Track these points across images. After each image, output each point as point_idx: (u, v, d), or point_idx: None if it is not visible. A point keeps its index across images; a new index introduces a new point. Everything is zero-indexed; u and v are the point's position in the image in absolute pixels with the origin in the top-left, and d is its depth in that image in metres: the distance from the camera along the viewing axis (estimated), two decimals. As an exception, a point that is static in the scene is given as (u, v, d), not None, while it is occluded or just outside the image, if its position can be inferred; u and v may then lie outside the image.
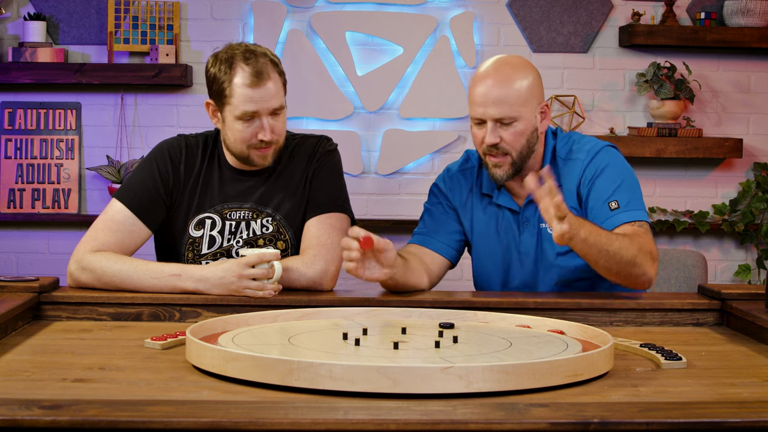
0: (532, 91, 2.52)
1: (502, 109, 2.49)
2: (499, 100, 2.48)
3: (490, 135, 2.51)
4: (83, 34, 4.56)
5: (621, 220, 2.48)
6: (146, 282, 2.40)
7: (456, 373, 1.60)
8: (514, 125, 2.50)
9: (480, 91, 2.51)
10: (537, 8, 4.62)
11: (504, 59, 2.56)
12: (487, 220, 2.66)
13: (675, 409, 1.52)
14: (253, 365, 1.67)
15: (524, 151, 2.54)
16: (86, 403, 1.50)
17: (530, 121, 2.52)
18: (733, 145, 4.55)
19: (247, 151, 2.56)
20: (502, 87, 2.49)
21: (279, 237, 2.63)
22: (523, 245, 2.61)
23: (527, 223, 2.61)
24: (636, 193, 2.54)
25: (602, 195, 2.52)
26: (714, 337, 2.25)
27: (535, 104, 2.53)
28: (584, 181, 2.56)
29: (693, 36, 4.53)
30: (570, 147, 2.61)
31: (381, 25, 4.60)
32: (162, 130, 4.52)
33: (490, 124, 2.51)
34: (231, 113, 2.52)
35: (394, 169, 4.64)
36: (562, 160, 2.60)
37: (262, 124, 2.52)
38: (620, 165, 2.57)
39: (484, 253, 2.67)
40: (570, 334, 2.07)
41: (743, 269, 4.63)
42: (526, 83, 2.51)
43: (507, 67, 2.52)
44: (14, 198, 4.54)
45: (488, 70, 2.53)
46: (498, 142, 2.51)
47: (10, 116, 4.55)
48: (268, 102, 2.51)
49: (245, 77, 2.49)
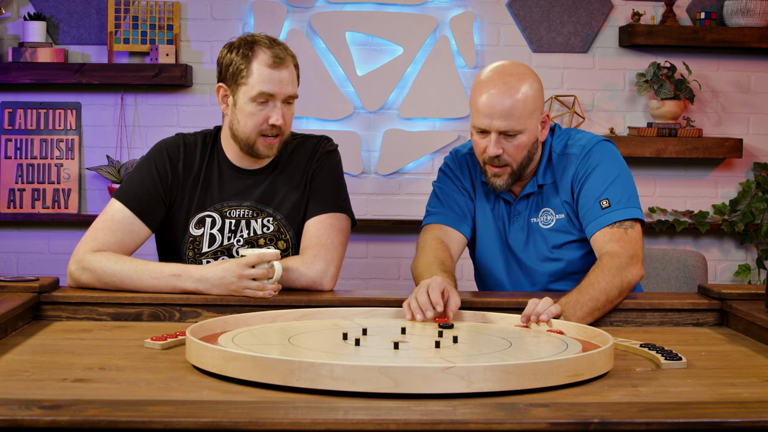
0: (536, 102, 2.52)
1: (509, 122, 2.47)
2: (506, 113, 2.47)
3: (493, 146, 2.50)
4: (83, 34, 4.56)
5: (611, 219, 2.48)
6: (146, 282, 2.40)
7: (457, 374, 1.60)
8: (518, 137, 2.50)
9: (485, 102, 2.48)
10: (537, 8, 4.62)
11: (508, 68, 2.52)
12: (489, 204, 2.67)
13: (675, 409, 1.52)
14: (254, 365, 1.67)
15: (524, 162, 2.54)
16: (86, 403, 1.50)
17: (533, 132, 2.52)
18: (733, 145, 4.55)
19: (254, 138, 2.56)
20: (509, 99, 2.46)
21: (280, 237, 2.63)
22: (511, 237, 2.63)
23: (518, 216, 2.62)
24: (628, 189, 2.54)
25: (594, 193, 2.52)
26: (714, 337, 2.26)
27: (538, 115, 2.53)
28: (577, 177, 2.56)
29: (693, 36, 4.53)
30: (565, 142, 2.62)
31: (381, 25, 4.60)
32: (162, 130, 4.52)
33: (494, 135, 2.49)
34: (246, 94, 2.53)
35: (394, 169, 4.64)
36: (557, 156, 2.61)
37: (275, 108, 2.54)
38: (614, 160, 2.57)
39: (485, 238, 2.68)
40: (570, 334, 2.07)
41: (743, 269, 4.63)
42: (531, 94, 2.50)
43: (513, 78, 2.49)
44: (14, 198, 4.54)
45: (493, 79, 2.49)
46: (501, 153, 2.50)
47: (10, 116, 4.55)
48: (285, 86, 2.53)
49: (267, 59, 2.52)
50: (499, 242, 2.66)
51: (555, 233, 2.59)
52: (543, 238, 2.60)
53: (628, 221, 2.48)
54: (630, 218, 2.49)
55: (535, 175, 2.60)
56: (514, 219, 2.63)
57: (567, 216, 2.58)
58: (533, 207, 2.61)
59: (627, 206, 2.50)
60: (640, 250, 2.47)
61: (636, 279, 2.42)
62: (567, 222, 2.58)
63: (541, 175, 2.59)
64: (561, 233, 2.59)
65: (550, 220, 2.60)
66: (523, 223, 2.62)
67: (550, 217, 2.60)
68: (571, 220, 2.58)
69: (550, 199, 2.60)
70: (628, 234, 2.46)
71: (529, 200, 2.62)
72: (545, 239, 2.60)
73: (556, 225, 2.59)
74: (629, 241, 2.45)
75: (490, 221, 2.67)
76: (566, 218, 2.58)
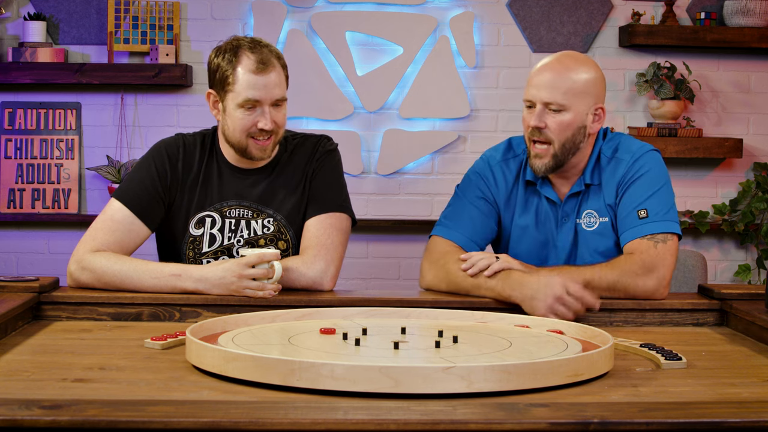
0: (589, 87, 2.52)
1: (552, 93, 2.49)
2: (552, 84, 2.49)
3: (536, 117, 2.51)
4: (83, 34, 4.56)
5: (645, 231, 2.47)
6: (146, 282, 2.40)
7: (458, 373, 1.60)
8: (562, 113, 2.50)
9: (536, 75, 2.53)
10: (537, 8, 4.62)
11: (571, 53, 2.59)
12: (529, 212, 2.64)
13: (675, 409, 1.52)
14: (254, 365, 1.67)
15: (568, 145, 2.52)
16: (86, 403, 1.50)
17: (580, 115, 2.52)
18: (733, 145, 4.55)
19: (246, 142, 2.55)
20: (559, 74, 2.50)
21: (280, 237, 2.63)
22: (560, 240, 2.61)
23: (566, 218, 2.60)
24: (668, 202, 2.52)
25: (634, 201, 2.51)
26: (714, 337, 2.25)
27: (590, 101, 2.53)
28: (623, 182, 2.55)
29: (693, 36, 4.53)
30: (616, 146, 2.60)
31: (381, 25, 4.60)
32: (162, 130, 4.52)
33: (539, 107, 2.51)
34: (233, 101, 2.52)
35: (394, 169, 4.64)
36: (606, 159, 2.59)
37: (264, 113, 2.52)
38: (659, 172, 2.55)
39: (524, 246, 2.64)
40: (569, 334, 2.07)
41: (743, 269, 4.63)
42: (585, 77, 2.51)
43: (569, 59, 2.54)
44: (14, 198, 4.54)
45: (553, 58, 2.55)
46: (543, 126, 2.50)
47: (10, 116, 4.55)
48: (271, 91, 2.52)
49: (250, 64, 2.50)
50: (541, 246, 2.63)
51: (599, 237, 2.57)
52: (586, 241, 2.58)
53: (661, 234, 2.46)
54: (664, 231, 2.47)
55: (583, 174, 2.59)
56: (563, 221, 2.60)
57: (611, 220, 2.56)
58: (578, 208, 2.60)
59: (663, 219, 2.48)
60: (661, 264, 2.42)
61: (642, 290, 2.39)
62: (611, 227, 2.57)
63: (588, 174, 2.57)
64: (605, 237, 2.57)
65: (593, 222, 2.58)
66: (571, 225, 2.60)
67: (593, 219, 2.57)
68: (614, 225, 2.56)
69: (594, 201, 2.58)
70: (657, 248, 2.44)
71: (577, 200, 2.59)
72: (588, 242, 2.58)
73: (599, 228, 2.57)
74: (654, 254, 2.43)
75: (531, 226, 2.63)
76: (610, 222, 2.57)
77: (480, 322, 2.21)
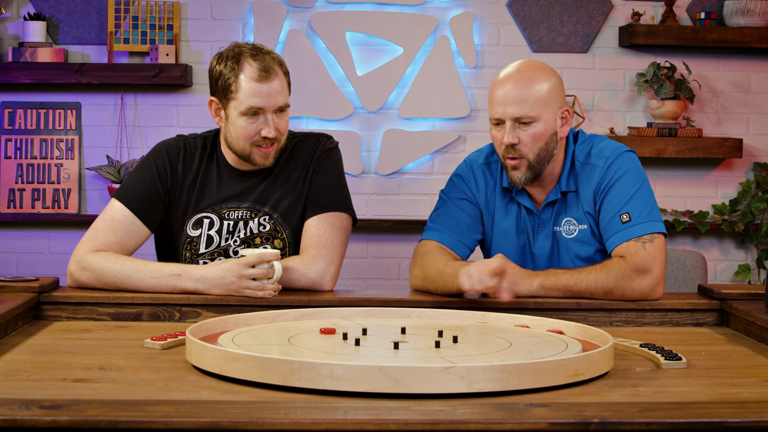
0: (553, 93, 2.52)
1: (521, 108, 2.48)
2: (519, 99, 2.48)
3: (508, 135, 2.49)
4: (83, 34, 4.56)
5: (630, 234, 2.46)
6: (146, 282, 2.40)
7: (458, 373, 1.60)
8: (533, 125, 2.49)
9: (500, 92, 2.50)
10: (537, 8, 4.62)
11: (526, 62, 2.56)
12: (508, 218, 2.64)
13: (675, 409, 1.52)
14: (254, 365, 1.67)
15: (542, 154, 2.52)
16: (86, 403, 1.50)
17: (550, 123, 2.51)
18: (733, 145, 4.55)
19: (249, 149, 2.56)
20: (523, 87, 2.48)
21: (276, 235, 2.63)
22: (536, 247, 2.61)
23: (543, 225, 2.60)
24: (649, 202, 2.51)
25: (615, 207, 2.50)
26: (714, 337, 2.26)
27: (555, 107, 2.52)
28: (599, 188, 2.54)
29: (693, 36, 4.53)
30: (588, 150, 2.59)
31: (381, 25, 4.60)
32: (162, 130, 4.52)
33: (509, 123, 2.50)
34: (236, 109, 2.52)
35: (394, 169, 4.64)
36: (580, 164, 2.58)
37: (267, 121, 2.52)
38: (636, 174, 2.54)
39: (505, 250, 2.63)
40: (569, 334, 2.07)
41: (743, 269, 4.63)
42: (547, 86, 2.50)
43: (528, 70, 2.52)
44: (14, 198, 4.54)
45: (509, 72, 2.53)
46: (516, 143, 2.49)
47: (10, 116, 4.55)
48: (274, 98, 2.52)
49: (253, 72, 2.50)
50: (521, 251, 2.63)
51: (579, 244, 2.58)
52: (567, 248, 2.58)
53: (647, 236, 2.46)
54: (650, 232, 2.46)
55: (558, 182, 2.59)
56: (539, 228, 2.60)
57: (590, 227, 2.56)
58: (556, 216, 2.60)
59: (647, 220, 2.47)
60: (653, 264, 2.42)
61: (639, 291, 2.40)
62: (590, 233, 2.57)
63: (564, 182, 2.57)
64: (585, 244, 2.57)
65: (573, 230, 2.57)
66: (548, 233, 2.60)
67: (572, 227, 2.57)
68: (593, 231, 2.56)
69: (572, 208, 2.58)
70: (646, 248, 2.44)
71: (553, 208, 2.59)
72: (569, 249, 2.58)
73: (579, 235, 2.57)
74: (645, 255, 2.43)
75: (512, 231, 2.63)
76: (589, 229, 2.56)
77: (480, 322, 2.21)
